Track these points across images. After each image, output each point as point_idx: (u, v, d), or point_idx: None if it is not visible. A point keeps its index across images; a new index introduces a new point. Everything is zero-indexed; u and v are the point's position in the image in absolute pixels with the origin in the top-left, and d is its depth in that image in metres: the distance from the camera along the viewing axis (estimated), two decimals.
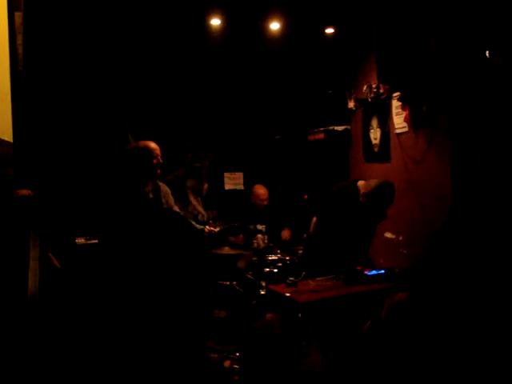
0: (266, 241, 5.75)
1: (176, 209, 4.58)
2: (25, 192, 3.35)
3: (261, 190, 5.85)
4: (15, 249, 2.95)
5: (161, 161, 4.27)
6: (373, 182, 4.33)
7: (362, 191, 4.31)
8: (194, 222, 4.71)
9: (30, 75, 4.51)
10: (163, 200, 4.39)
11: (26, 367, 2.58)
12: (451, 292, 4.06)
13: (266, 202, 5.83)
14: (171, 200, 4.50)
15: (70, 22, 5.22)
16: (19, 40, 3.99)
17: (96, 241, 5.01)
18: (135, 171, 4.26)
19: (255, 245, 5.65)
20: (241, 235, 5.71)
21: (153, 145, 4.27)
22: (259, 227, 5.81)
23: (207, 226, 4.55)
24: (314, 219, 4.44)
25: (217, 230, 4.57)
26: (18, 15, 4.00)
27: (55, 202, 5.04)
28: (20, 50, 4.04)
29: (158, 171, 4.30)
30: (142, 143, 4.34)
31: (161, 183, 4.48)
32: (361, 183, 4.40)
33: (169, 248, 4.53)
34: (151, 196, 4.32)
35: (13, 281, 2.81)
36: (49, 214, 4.61)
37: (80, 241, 5.08)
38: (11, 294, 2.76)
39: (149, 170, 4.24)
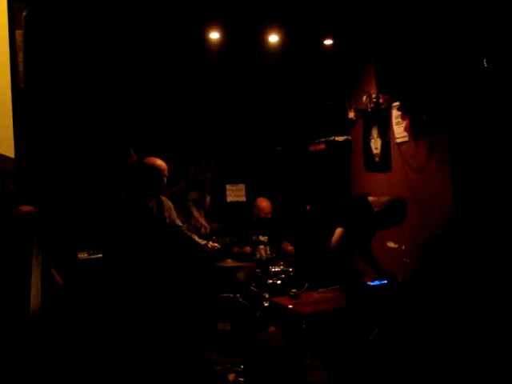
0: (268, 252, 5.75)
1: (179, 222, 4.59)
2: (27, 208, 3.35)
3: (264, 203, 5.85)
4: (17, 266, 2.96)
5: (165, 181, 4.27)
6: (384, 199, 4.35)
7: (375, 209, 4.34)
8: (196, 237, 4.70)
9: (31, 91, 4.53)
10: (166, 214, 4.40)
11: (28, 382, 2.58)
12: (453, 297, 4.05)
13: (269, 216, 5.83)
14: (174, 214, 4.51)
15: (71, 38, 5.24)
16: (20, 57, 4.03)
17: (99, 255, 5.02)
18: (141, 188, 4.25)
19: (258, 256, 5.66)
20: (248, 247, 5.72)
21: (161, 163, 4.25)
22: (261, 238, 5.81)
23: (210, 242, 4.55)
24: (339, 231, 4.37)
25: (219, 245, 4.57)
26: (18, 33, 4.04)
27: (58, 217, 5.04)
28: (21, 68, 4.08)
29: (163, 190, 4.31)
30: (150, 161, 4.30)
31: (163, 198, 4.49)
32: (372, 199, 4.42)
33: (170, 263, 4.54)
34: (155, 211, 4.33)
35: (15, 298, 2.81)
36: (51, 229, 4.62)
37: (83, 255, 5.09)
38: (13, 311, 2.77)
39: (156, 188, 4.24)
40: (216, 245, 4.52)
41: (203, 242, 4.56)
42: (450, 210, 4.30)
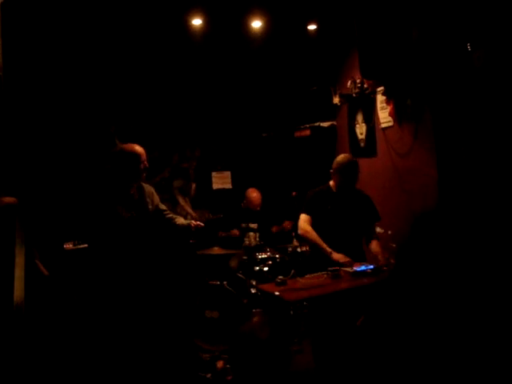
0: (257, 238, 5.75)
1: (162, 206, 4.57)
2: (9, 200, 3.31)
3: (254, 194, 5.85)
4: (0, 256, 2.93)
5: (147, 165, 4.25)
6: (336, 159, 4.50)
7: (331, 182, 4.45)
8: (182, 219, 4.66)
9: (11, 81, 4.46)
10: (148, 200, 4.38)
11: (11, 377, 2.56)
12: (437, 280, 4.07)
13: (258, 208, 5.84)
14: (156, 199, 4.49)
15: (52, 26, 5.17)
16: None
17: (84, 245, 4.99)
18: (121, 175, 4.24)
19: (246, 242, 5.66)
20: (236, 230, 5.71)
21: (139, 149, 4.23)
22: (251, 225, 5.81)
23: (193, 221, 4.52)
24: (303, 217, 4.43)
25: (203, 224, 4.53)
26: None
27: (42, 208, 5.00)
28: None
29: (144, 175, 4.28)
30: (128, 147, 4.30)
31: (144, 184, 4.46)
32: (330, 182, 4.50)
33: (155, 252, 4.53)
34: (136, 197, 4.31)
35: None
36: (36, 219, 4.58)
37: (68, 246, 5.06)
38: None
39: (135, 174, 4.22)
40: (199, 223, 4.49)
41: (186, 222, 4.53)
42: (435, 194, 4.32)
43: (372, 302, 3.31)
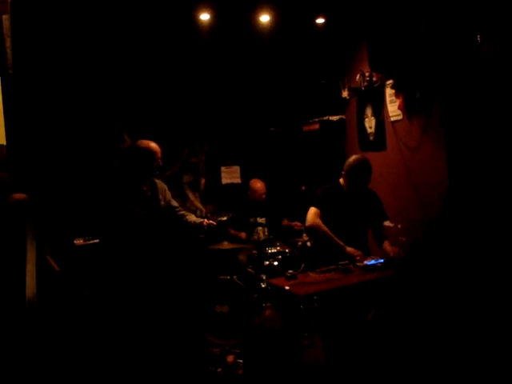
0: (266, 233, 5.75)
1: (174, 203, 4.58)
2: (20, 196, 3.33)
3: (258, 184, 5.85)
4: (11, 254, 2.95)
5: (160, 163, 4.26)
6: (346, 162, 4.43)
7: (342, 180, 4.43)
8: (193, 217, 4.68)
9: (21, 77, 4.49)
10: (160, 196, 4.40)
11: (24, 372, 2.58)
12: (448, 278, 4.06)
13: (263, 196, 5.83)
14: (168, 195, 4.51)
15: (60, 22, 5.18)
16: (8, 43, 3.97)
17: (95, 241, 5.01)
18: (135, 171, 4.25)
19: (255, 237, 5.66)
20: (244, 233, 5.72)
21: (154, 146, 4.24)
22: (259, 220, 5.81)
23: (205, 220, 4.54)
24: (313, 210, 4.43)
25: (215, 223, 4.55)
26: (5, 18, 3.98)
27: (52, 204, 5.03)
28: (9, 53, 4.03)
29: (157, 173, 4.29)
30: (143, 144, 4.29)
31: (157, 180, 4.48)
32: (340, 179, 4.49)
33: (167, 248, 4.55)
34: (149, 194, 4.32)
35: (10, 285, 2.81)
36: (46, 215, 4.61)
37: (79, 242, 5.08)
38: (8, 298, 2.76)
39: (149, 171, 4.24)
40: (212, 222, 4.51)
41: (199, 221, 4.55)
42: (445, 188, 4.30)
43: (382, 296, 3.31)
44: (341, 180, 4.49)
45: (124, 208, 4.18)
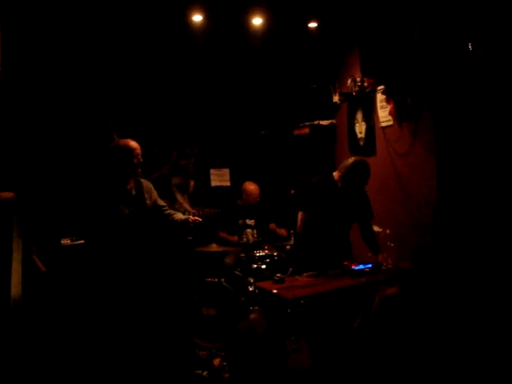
0: (255, 235, 5.74)
1: (161, 202, 4.56)
2: (7, 195, 3.29)
3: (252, 187, 5.83)
4: None
5: (141, 160, 4.26)
6: (345, 163, 4.31)
7: (336, 176, 4.33)
8: (180, 214, 4.65)
9: (10, 75, 4.43)
10: (146, 195, 4.39)
11: (9, 372, 2.55)
12: (440, 284, 4.07)
13: (258, 199, 5.81)
14: (154, 194, 4.49)
15: (51, 21, 5.15)
16: None
17: (81, 241, 4.97)
18: (116, 170, 4.26)
19: (244, 239, 5.64)
20: (236, 237, 5.70)
21: (133, 144, 4.26)
22: (248, 222, 5.80)
23: (191, 217, 4.51)
24: (300, 215, 4.42)
25: (201, 219, 4.52)
26: None
27: (39, 203, 4.99)
28: None
29: (139, 170, 4.29)
30: (123, 142, 4.34)
31: (142, 180, 4.47)
32: (334, 173, 4.41)
33: (153, 248, 4.52)
34: (134, 193, 4.31)
35: None
36: (33, 215, 4.57)
37: (65, 242, 5.04)
38: None
39: (129, 168, 4.24)
40: (198, 218, 4.49)
41: (184, 217, 4.53)
42: (434, 194, 4.31)
43: (369, 302, 3.29)
44: (334, 173, 4.40)
45: (108, 207, 4.17)
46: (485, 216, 3.89)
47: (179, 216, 4.58)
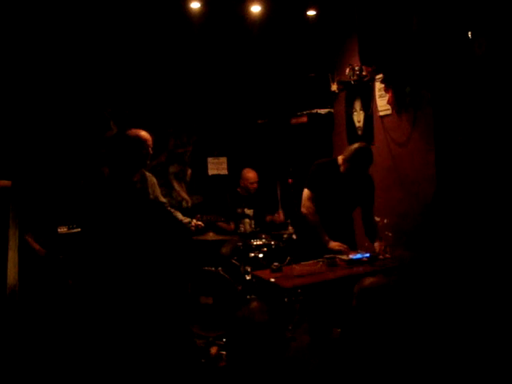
0: (252, 225, 5.73)
1: (162, 199, 4.55)
2: (3, 183, 3.28)
3: (250, 174, 5.82)
4: None
5: (151, 152, 4.22)
6: (349, 148, 4.32)
7: (340, 160, 4.33)
8: (180, 215, 4.65)
9: (7, 62, 4.41)
10: (150, 190, 4.36)
11: (5, 360, 2.54)
12: (435, 273, 4.08)
13: (255, 185, 5.80)
14: (157, 190, 4.47)
15: (47, 6, 5.10)
16: None
17: (78, 229, 4.95)
18: (125, 160, 4.19)
19: (242, 229, 5.63)
20: (232, 224, 5.68)
21: (144, 134, 4.19)
22: (247, 211, 5.78)
23: (194, 221, 4.51)
24: (305, 193, 4.40)
25: (204, 224, 4.53)
26: None
27: (36, 192, 4.96)
28: None
29: (148, 162, 4.25)
30: (133, 132, 4.23)
31: (148, 174, 4.43)
32: (339, 157, 4.40)
33: (152, 239, 4.51)
34: (139, 186, 4.27)
35: None
36: (30, 203, 4.54)
37: (62, 230, 5.02)
38: None
39: (139, 160, 4.19)
40: (200, 223, 4.48)
41: (186, 220, 4.52)
42: (433, 184, 4.30)
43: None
44: (339, 158, 4.39)
45: (113, 198, 4.14)
46: (484, 206, 3.88)
47: (180, 216, 4.57)
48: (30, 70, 5.20)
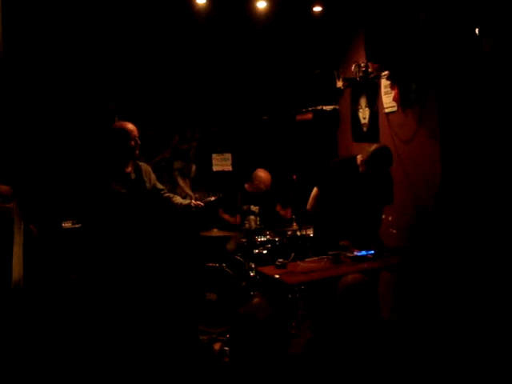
0: (257, 222, 5.70)
1: (159, 186, 4.55)
2: (3, 188, 3.29)
3: (264, 175, 5.75)
4: None
5: (138, 142, 4.25)
6: (369, 148, 4.21)
7: (359, 160, 4.25)
8: (179, 198, 4.64)
9: (11, 58, 4.39)
10: (145, 179, 4.39)
11: (10, 355, 2.55)
12: (438, 272, 4.07)
13: (268, 188, 5.74)
14: (153, 177, 4.49)
15: (52, 6, 5.10)
16: None
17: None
18: (113, 152, 4.24)
19: (247, 225, 5.61)
20: (238, 216, 5.65)
21: (130, 126, 4.24)
22: (253, 208, 5.76)
23: (193, 201, 4.50)
24: (314, 192, 4.39)
25: (203, 203, 4.52)
26: None
27: (41, 186, 4.97)
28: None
29: (136, 152, 4.26)
30: (119, 124, 4.33)
31: (141, 163, 4.46)
32: (358, 156, 4.33)
33: (153, 231, 4.51)
34: (133, 177, 4.29)
35: None
36: (34, 198, 4.55)
37: (66, 225, 5.03)
38: None
39: (126, 151, 4.22)
40: (199, 203, 4.48)
41: (186, 202, 4.52)
42: (438, 181, 4.28)
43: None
44: (358, 157, 4.30)
45: (107, 189, 4.15)
46: (488, 203, 3.87)
47: (179, 200, 4.57)
48: (36, 68, 5.20)
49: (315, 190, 4.39)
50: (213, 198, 5.03)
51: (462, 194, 4.10)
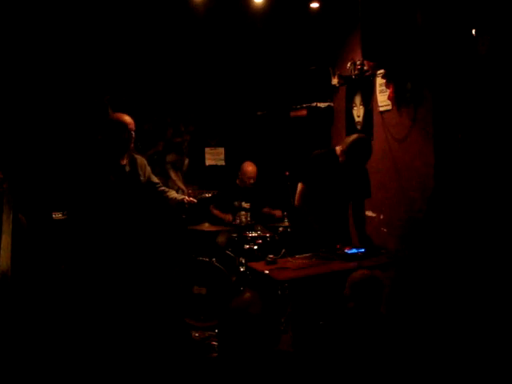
0: (248, 218, 5.69)
1: (154, 179, 4.55)
2: None
3: (249, 168, 5.75)
4: None
5: (133, 135, 4.23)
6: (348, 139, 4.30)
7: (339, 151, 4.30)
8: (174, 193, 4.63)
9: (3, 48, 4.37)
10: (140, 172, 4.38)
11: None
12: (431, 270, 4.08)
13: (252, 181, 5.73)
14: (148, 170, 4.48)
15: None
16: None
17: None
18: (109, 144, 4.23)
19: (237, 221, 5.61)
20: (230, 214, 5.65)
21: (127, 118, 4.22)
22: (244, 205, 5.75)
23: (186, 197, 4.50)
24: (299, 187, 4.40)
25: (197, 200, 4.51)
26: None
27: (31, 177, 4.94)
28: None
29: (131, 145, 4.25)
30: (116, 116, 4.31)
31: (137, 156, 4.44)
32: (337, 147, 4.39)
33: (145, 223, 4.50)
34: (128, 169, 4.28)
35: None
36: (25, 188, 4.52)
37: (57, 215, 5.00)
38: None
39: (121, 143, 4.20)
40: (193, 199, 4.47)
41: (180, 198, 4.51)
42: (431, 181, 4.29)
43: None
44: (337, 148, 4.37)
45: (101, 179, 4.14)
46: (482, 203, 3.87)
47: (173, 194, 4.57)
48: (30, 59, 5.17)
49: (300, 185, 4.40)
50: (207, 195, 5.03)
51: (454, 193, 4.10)
